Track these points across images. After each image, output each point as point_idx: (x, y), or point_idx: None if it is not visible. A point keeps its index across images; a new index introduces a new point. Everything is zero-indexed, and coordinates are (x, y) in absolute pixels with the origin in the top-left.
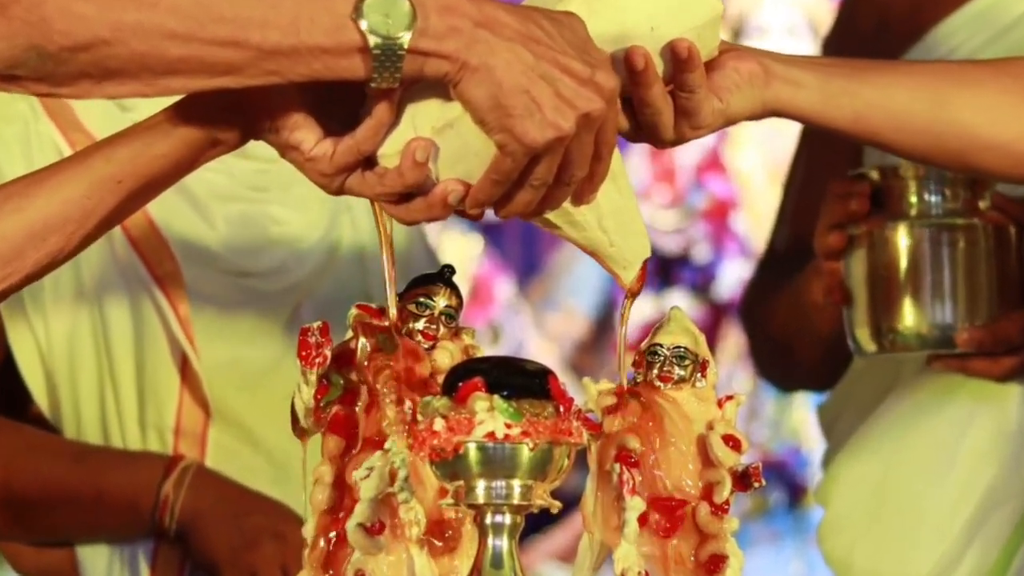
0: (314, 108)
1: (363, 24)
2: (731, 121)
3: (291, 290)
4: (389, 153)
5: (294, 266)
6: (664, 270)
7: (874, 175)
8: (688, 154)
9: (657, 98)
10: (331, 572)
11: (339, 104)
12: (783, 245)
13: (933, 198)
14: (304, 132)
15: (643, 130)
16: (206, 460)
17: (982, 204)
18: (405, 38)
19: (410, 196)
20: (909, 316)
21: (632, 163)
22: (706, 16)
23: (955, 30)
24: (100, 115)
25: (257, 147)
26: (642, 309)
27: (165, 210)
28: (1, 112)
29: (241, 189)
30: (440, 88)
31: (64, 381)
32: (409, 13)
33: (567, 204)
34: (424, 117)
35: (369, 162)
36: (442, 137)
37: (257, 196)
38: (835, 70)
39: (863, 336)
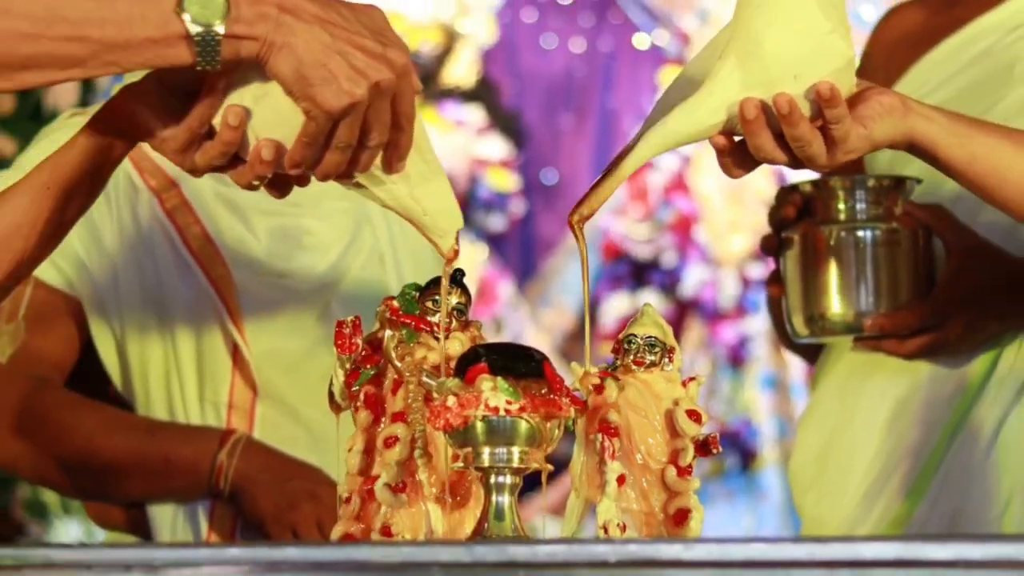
0: (165, 110)
1: (185, 16)
2: (877, 145)
3: (321, 290)
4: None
5: (324, 269)
6: (637, 273)
7: (807, 187)
8: (657, 177)
9: (805, 132)
10: (362, 524)
11: (187, 100)
12: None
13: (858, 205)
14: (155, 123)
15: (800, 159)
16: (254, 431)
17: (897, 211)
18: (220, 26)
19: (241, 163)
20: (837, 305)
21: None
22: (840, 61)
23: (924, 72)
24: None
25: None
26: (619, 305)
27: (218, 224)
28: None
29: (279, 205)
30: (258, 69)
31: (136, 366)
32: (223, 5)
33: (380, 173)
34: (245, 92)
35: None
36: (260, 107)
37: (292, 211)
38: (957, 116)
39: (798, 322)
